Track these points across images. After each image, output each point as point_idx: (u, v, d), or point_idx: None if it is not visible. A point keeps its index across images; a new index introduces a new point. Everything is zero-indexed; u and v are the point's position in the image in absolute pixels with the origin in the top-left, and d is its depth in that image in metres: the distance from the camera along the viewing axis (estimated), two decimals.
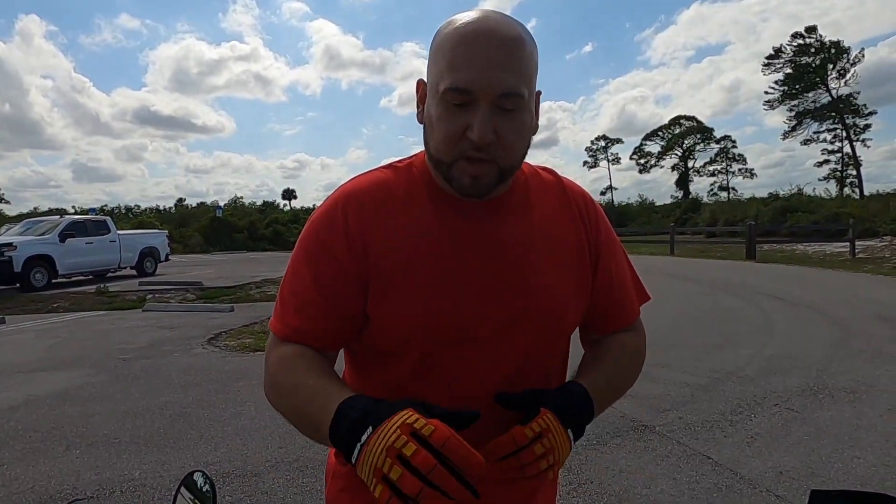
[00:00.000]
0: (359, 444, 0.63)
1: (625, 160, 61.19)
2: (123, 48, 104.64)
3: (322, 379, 0.76)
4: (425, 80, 0.81)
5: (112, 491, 2.96)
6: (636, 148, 58.51)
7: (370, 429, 0.62)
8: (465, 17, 0.76)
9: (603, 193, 57.83)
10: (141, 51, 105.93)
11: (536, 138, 0.84)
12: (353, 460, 0.64)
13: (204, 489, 0.93)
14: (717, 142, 54.07)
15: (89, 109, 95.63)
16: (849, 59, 40.82)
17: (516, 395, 0.80)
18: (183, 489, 0.92)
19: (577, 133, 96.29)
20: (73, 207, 38.97)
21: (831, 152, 43.83)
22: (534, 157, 0.94)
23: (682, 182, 54.61)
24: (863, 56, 41.09)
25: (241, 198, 53.89)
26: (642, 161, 57.92)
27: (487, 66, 0.72)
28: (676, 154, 55.59)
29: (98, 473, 3.17)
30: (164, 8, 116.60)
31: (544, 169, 0.94)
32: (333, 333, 0.83)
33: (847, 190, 40.26)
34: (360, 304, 0.81)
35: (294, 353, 0.80)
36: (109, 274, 14.91)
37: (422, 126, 0.82)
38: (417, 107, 0.83)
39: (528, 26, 0.80)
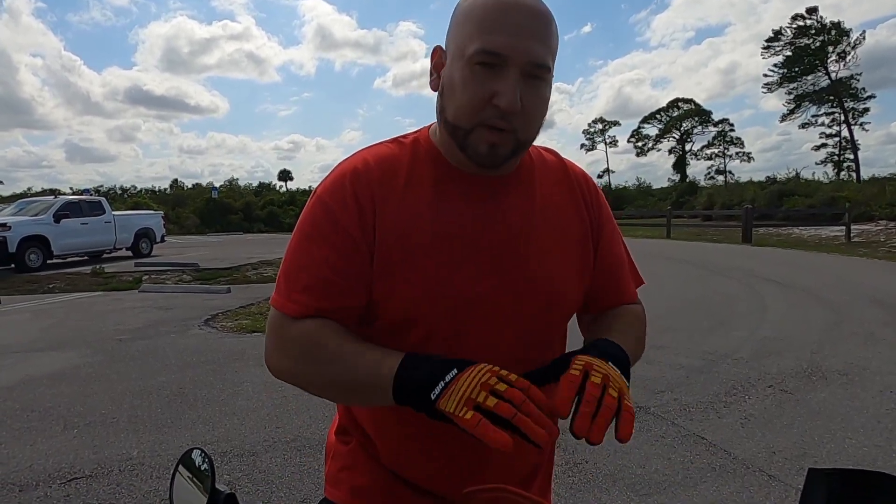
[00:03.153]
0: (442, 382, 0.66)
1: (622, 143, 61.05)
2: (113, 27, 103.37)
3: (361, 343, 0.77)
4: (444, 47, 0.81)
5: (110, 470, 2.97)
6: (634, 131, 58.33)
7: (455, 370, 0.67)
8: None
9: (600, 176, 57.65)
10: (131, 29, 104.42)
11: None
12: (435, 395, 0.66)
13: (202, 467, 0.93)
14: (715, 125, 53.92)
15: (80, 89, 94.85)
16: (849, 42, 40.54)
17: (545, 367, 0.74)
18: (181, 467, 0.92)
19: (574, 115, 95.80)
20: (71, 189, 38.71)
21: (829, 136, 43.77)
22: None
23: (680, 165, 54.47)
24: (864, 38, 40.81)
25: (237, 179, 53.69)
26: (640, 144, 57.76)
27: (522, 32, 0.73)
28: (674, 137, 55.38)
29: (96, 452, 3.18)
30: None
31: (546, 150, 0.94)
32: (349, 311, 0.80)
33: (844, 174, 40.25)
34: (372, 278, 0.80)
35: (321, 324, 0.78)
36: (105, 255, 14.88)
37: (436, 94, 0.81)
38: (431, 74, 0.82)
39: None
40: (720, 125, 53.76)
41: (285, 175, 58.84)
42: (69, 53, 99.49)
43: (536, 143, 0.94)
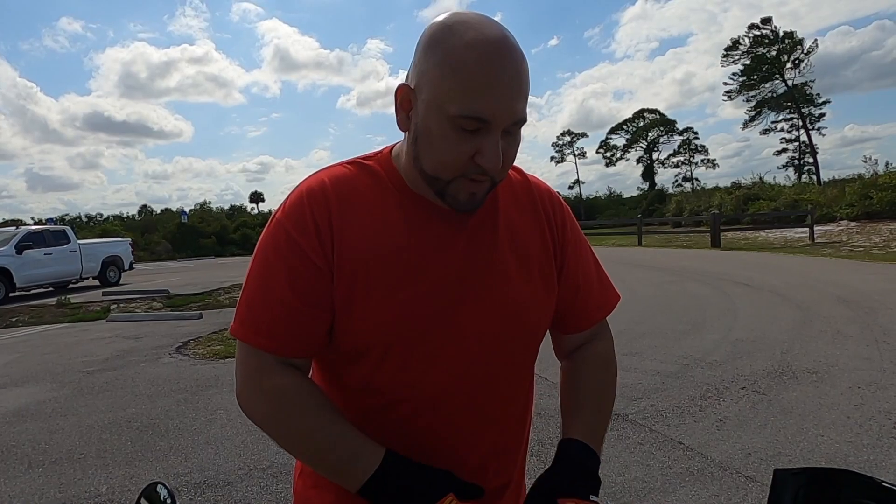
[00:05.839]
0: None
1: (591, 154, 61.96)
2: (68, 53, 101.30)
3: (338, 419, 0.78)
4: (409, 84, 0.76)
5: None
6: (602, 142, 59.16)
7: None
8: (472, 30, 0.71)
9: (571, 188, 58.37)
10: (86, 55, 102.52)
11: None
12: None
13: (166, 501, 0.91)
14: (680, 133, 55.18)
15: (38, 116, 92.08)
16: (803, 50, 42.08)
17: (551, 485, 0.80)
18: (143, 500, 0.89)
19: (543, 128, 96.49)
20: (33, 219, 37.70)
21: (789, 141, 45.16)
22: None
23: (648, 174, 55.44)
24: (816, 46, 42.40)
25: (209, 203, 52.98)
26: (608, 155, 58.65)
27: (506, 95, 0.71)
28: (641, 147, 56.45)
29: (62, 491, 3.06)
30: (109, 11, 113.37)
31: (511, 168, 0.94)
32: (315, 338, 0.79)
33: (805, 177, 41.49)
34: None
35: (298, 383, 0.79)
36: (71, 285, 14.51)
37: (405, 133, 0.79)
38: (397, 112, 0.78)
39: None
40: (685, 134, 55.09)
41: (257, 197, 58.41)
42: (24, 80, 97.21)
43: None
